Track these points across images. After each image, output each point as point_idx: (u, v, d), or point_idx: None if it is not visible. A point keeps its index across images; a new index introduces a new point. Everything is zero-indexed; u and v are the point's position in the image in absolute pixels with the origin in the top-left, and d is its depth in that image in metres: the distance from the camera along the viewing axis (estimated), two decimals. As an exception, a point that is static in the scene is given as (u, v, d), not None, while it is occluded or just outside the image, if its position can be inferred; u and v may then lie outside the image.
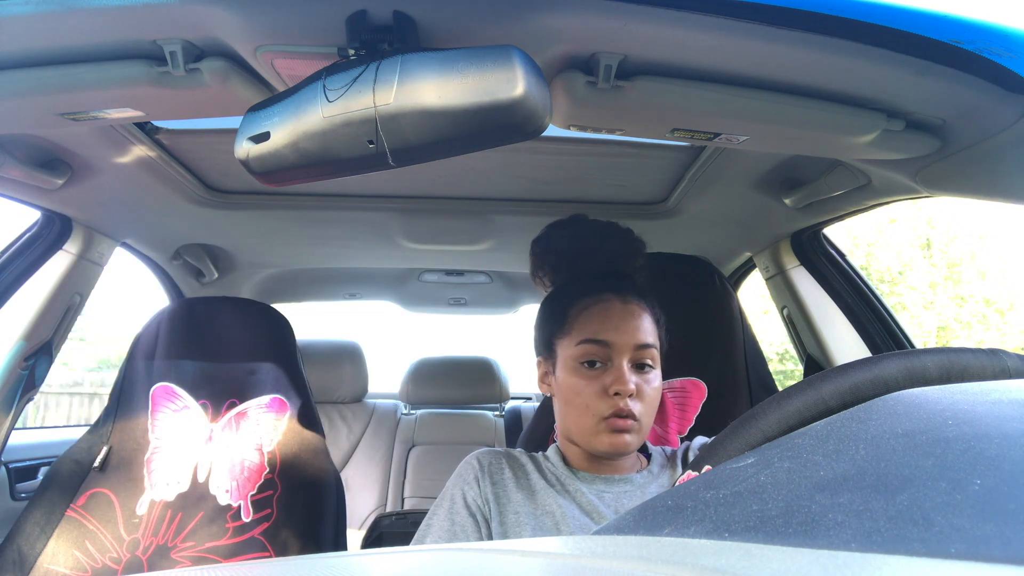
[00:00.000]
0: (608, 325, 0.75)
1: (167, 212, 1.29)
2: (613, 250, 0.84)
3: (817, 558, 0.20)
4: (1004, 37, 0.56)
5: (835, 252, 1.30)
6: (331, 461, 1.11)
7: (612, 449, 0.73)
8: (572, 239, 0.86)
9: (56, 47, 0.63)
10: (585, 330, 0.75)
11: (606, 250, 0.84)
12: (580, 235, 0.86)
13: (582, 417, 0.74)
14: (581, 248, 0.85)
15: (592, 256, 0.84)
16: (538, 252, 0.88)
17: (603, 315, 0.75)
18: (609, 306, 0.76)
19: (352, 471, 2.03)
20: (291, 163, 0.58)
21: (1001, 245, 8.86)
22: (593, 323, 0.75)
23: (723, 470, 0.32)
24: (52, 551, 0.99)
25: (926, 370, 0.37)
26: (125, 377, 1.13)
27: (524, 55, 0.53)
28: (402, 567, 0.27)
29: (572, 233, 0.87)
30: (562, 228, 0.87)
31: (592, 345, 0.74)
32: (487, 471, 0.77)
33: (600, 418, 0.73)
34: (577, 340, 0.76)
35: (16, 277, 1.13)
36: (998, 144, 0.70)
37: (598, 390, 0.73)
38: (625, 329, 0.74)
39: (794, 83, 0.67)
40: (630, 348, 0.74)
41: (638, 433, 0.73)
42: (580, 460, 0.79)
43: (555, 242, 0.87)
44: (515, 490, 0.76)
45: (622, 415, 0.72)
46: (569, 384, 0.76)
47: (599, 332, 0.75)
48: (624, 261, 0.84)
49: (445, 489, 0.78)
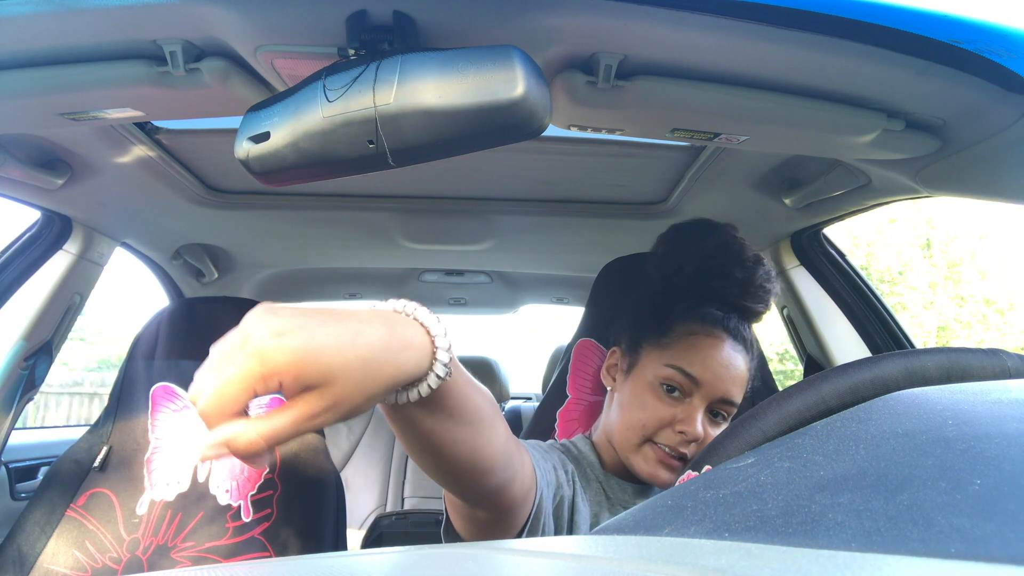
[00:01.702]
0: (708, 365, 0.69)
1: (167, 212, 1.29)
2: (750, 283, 0.75)
3: (817, 558, 0.20)
4: (1004, 37, 0.56)
5: (835, 252, 1.30)
6: (331, 461, 1.11)
7: (647, 478, 0.71)
8: (717, 250, 0.77)
9: (56, 47, 0.63)
10: (682, 357, 0.70)
11: (744, 281, 0.75)
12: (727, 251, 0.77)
13: (631, 431, 0.71)
14: (724, 265, 0.75)
15: (729, 278, 0.75)
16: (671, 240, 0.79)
17: (708, 351, 0.70)
18: (719, 344, 0.70)
19: (352, 471, 2.03)
20: (291, 163, 0.58)
21: (1001, 245, 8.87)
22: (694, 355, 0.70)
23: (723, 470, 0.32)
24: (52, 551, 0.99)
25: (926, 370, 0.37)
26: (125, 377, 1.13)
27: (524, 55, 0.53)
28: (402, 567, 0.27)
29: (719, 244, 0.77)
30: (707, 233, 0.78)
31: (682, 376, 0.70)
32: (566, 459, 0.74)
33: (649, 441, 0.70)
34: (669, 361, 0.71)
35: (16, 277, 1.13)
36: (998, 144, 0.70)
37: (663, 417, 0.70)
38: (723, 377, 0.69)
39: (794, 83, 0.67)
40: (716, 397, 0.70)
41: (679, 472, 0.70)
42: (614, 464, 0.76)
43: (693, 244, 0.78)
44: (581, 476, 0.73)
45: (674, 454, 0.69)
46: (638, 397, 0.72)
47: (696, 366, 0.69)
48: (755, 301, 0.76)
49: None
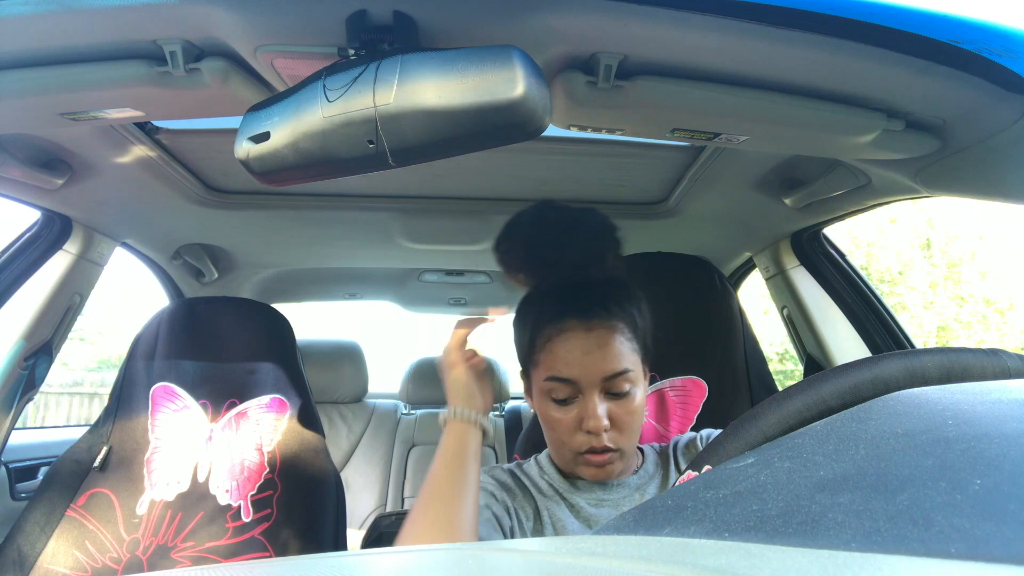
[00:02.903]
0: (571, 360, 0.68)
1: (167, 212, 1.29)
2: (584, 244, 0.74)
3: (817, 558, 0.20)
4: (1004, 37, 0.56)
5: (835, 252, 1.30)
6: (331, 461, 1.11)
7: (594, 479, 0.72)
8: (536, 233, 0.75)
9: (56, 47, 0.63)
10: (550, 366, 0.69)
11: (576, 245, 0.74)
12: (544, 228, 0.75)
13: (560, 449, 0.72)
14: (546, 243, 0.74)
15: (559, 253, 0.74)
16: (503, 250, 0.77)
17: (565, 349, 0.68)
18: (571, 337, 0.68)
19: (352, 471, 2.03)
20: (291, 163, 0.58)
21: (1001, 245, 8.87)
22: (556, 359, 0.69)
23: (723, 470, 0.32)
24: (52, 551, 0.99)
25: (926, 370, 0.37)
26: (125, 377, 1.13)
27: (524, 55, 0.53)
28: (402, 567, 0.27)
29: (535, 226, 0.76)
30: (525, 220, 0.77)
31: (558, 383, 0.69)
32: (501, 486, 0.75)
33: (576, 452, 0.70)
34: (544, 375, 0.70)
35: (16, 277, 1.13)
36: (998, 144, 0.70)
37: (571, 425, 0.69)
38: (590, 363, 0.67)
39: (794, 83, 0.67)
40: (597, 382, 0.68)
41: (620, 460, 0.71)
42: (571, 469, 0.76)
43: (518, 238, 0.76)
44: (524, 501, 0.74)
45: (597, 451, 0.69)
46: (543, 415, 0.72)
47: (563, 370, 0.68)
48: (596, 259, 0.74)
49: None
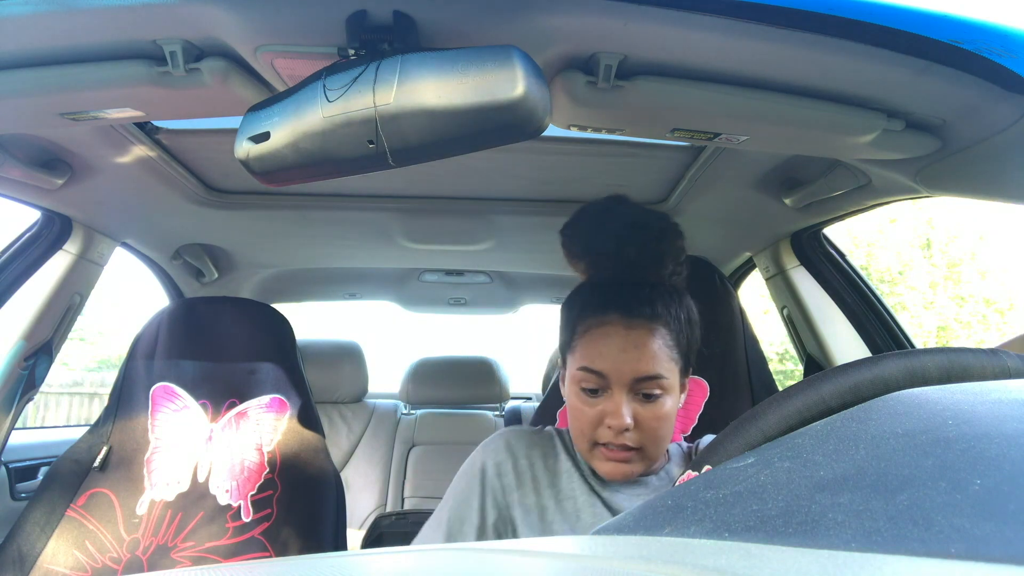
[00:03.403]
0: (606, 355, 0.68)
1: (167, 212, 1.29)
2: (644, 244, 0.73)
3: (817, 558, 0.20)
4: (1004, 37, 0.56)
5: (835, 252, 1.30)
6: (331, 461, 1.11)
7: (608, 476, 0.71)
8: (600, 225, 0.75)
9: (56, 47, 0.63)
10: (585, 356, 0.70)
11: (636, 243, 0.73)
12: (608, 221, 0.75)
13: (580, 438, 0.72)
14: (607, 236, 0.74)
15: (618, 248, 0.74)
16: (567, 236, 0.78)
17: (602, 343, 0.69)
18: (610, 332, 0.69)
19: (352, 471, 2.03)
20: (291, 163, 0.58)
21: (1001, 245, 8.87)
22: (592, 350, 0.69)
23: (723, 470, 0.32)
24: (52, 551, 0.99)
25: (926, 370, 0.37)
26: (125, 377, 1.13)
27: (524, 55, 0.53)
28: (402, 567, 0.27)
29: (600, 217, 0.76)
30: (592, 210, 0.77)
31: (589, 374, 0.69)
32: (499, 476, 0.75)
33: (595, 443, 0.70)
34: (578, 364, 0.70)
35: (16, 277, 1.13)
36: (998, 144, 0.70)
37: (595, 417, 0.69)
38: (624, 361, 0.67)
39: (794, 83, 0.67)
40: (628, 381, 0.68)
41: (639, 461, 0.70)
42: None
43: (582, 225, 0.77)
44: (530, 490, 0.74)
45: (618, 447, 0.69)
46: (571, 404, 0.73)
47: (596, 362, 0.68)
48: (653, 261, 0.74)
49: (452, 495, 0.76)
